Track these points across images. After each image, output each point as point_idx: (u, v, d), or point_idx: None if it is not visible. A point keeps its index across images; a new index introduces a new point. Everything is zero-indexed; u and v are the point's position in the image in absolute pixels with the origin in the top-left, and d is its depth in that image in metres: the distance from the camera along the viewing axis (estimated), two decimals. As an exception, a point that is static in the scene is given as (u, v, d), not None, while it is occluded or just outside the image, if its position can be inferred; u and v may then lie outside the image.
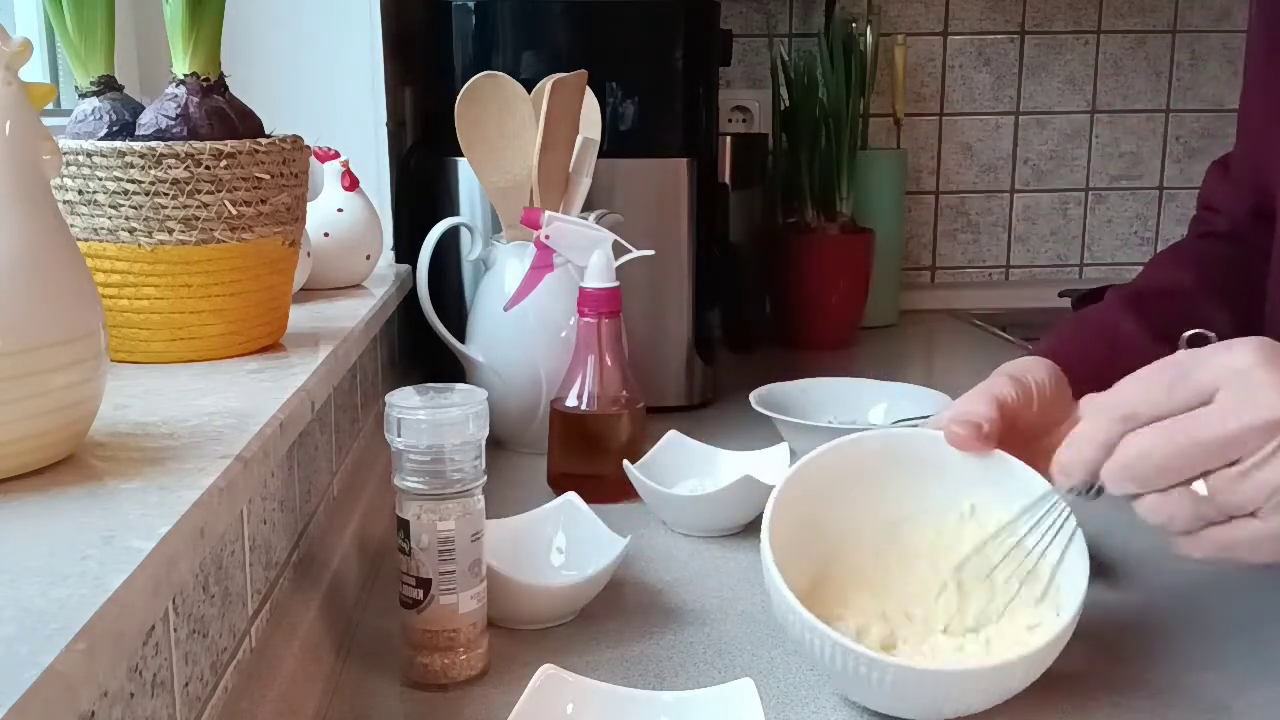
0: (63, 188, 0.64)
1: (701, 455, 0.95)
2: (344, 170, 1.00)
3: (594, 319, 0.96)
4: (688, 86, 1.17)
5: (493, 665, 0.67)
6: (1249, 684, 0.65)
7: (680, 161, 1.17)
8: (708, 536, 0.87)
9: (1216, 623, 0.73)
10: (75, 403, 0.47)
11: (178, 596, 0.46)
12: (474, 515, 0.64)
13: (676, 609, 0.75)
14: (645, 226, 1.14)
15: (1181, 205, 1.81)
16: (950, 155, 1.77)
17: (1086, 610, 0.58)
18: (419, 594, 0.64)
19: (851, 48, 1.48)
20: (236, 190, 0.66)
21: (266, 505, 0.62)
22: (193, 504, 0.43)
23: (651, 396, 1.02)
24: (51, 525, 0.41)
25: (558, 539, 0.79)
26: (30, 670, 0.30)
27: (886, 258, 1.59)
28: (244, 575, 0.57)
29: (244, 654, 0.56)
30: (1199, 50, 1.77)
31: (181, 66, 0.68)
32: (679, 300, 1.19)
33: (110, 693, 0.38)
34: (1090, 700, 0.63)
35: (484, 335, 1.07)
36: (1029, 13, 1.74)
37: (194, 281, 0.66)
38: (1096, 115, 1.78)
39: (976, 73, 1.75)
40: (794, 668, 0.67)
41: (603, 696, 0.58)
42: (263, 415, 0.55)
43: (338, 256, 0.98)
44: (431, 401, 0.63)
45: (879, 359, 1.48)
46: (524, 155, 1.04)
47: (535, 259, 1.03)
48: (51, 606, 0.34)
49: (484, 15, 1.14)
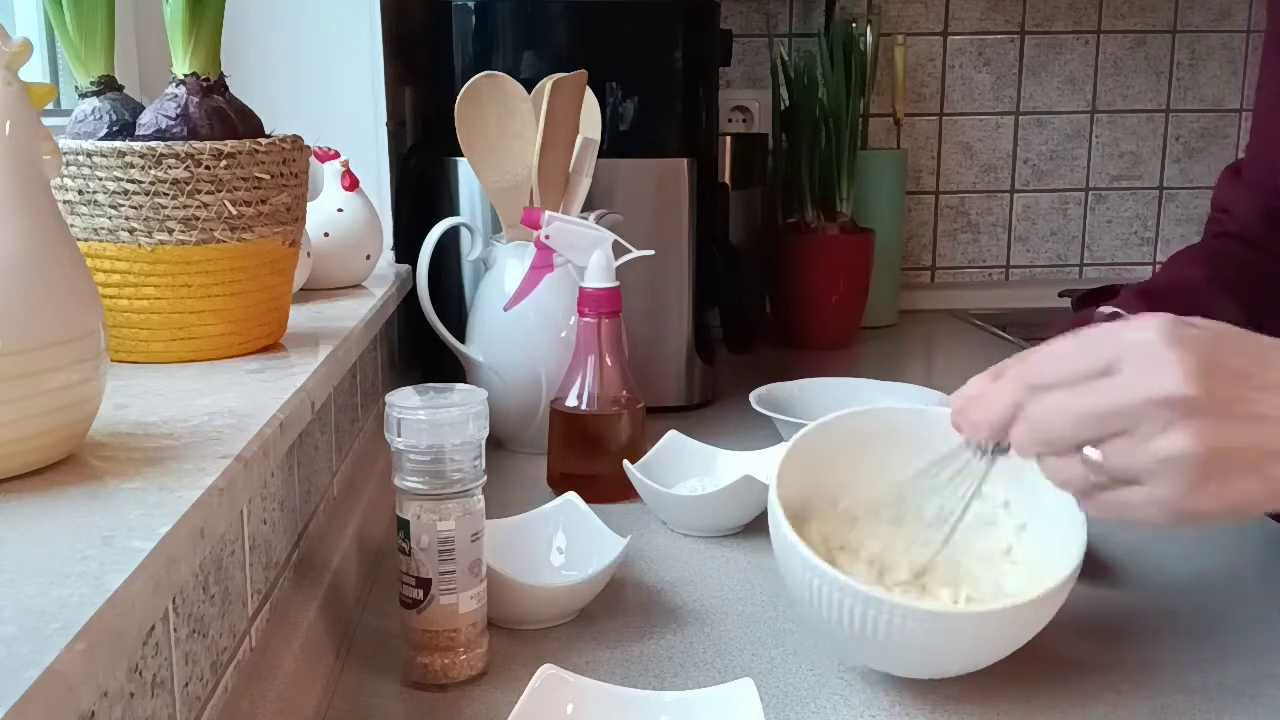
0: (63, 188, 0.64)
1: (701, 455, 0.95)
2: (344, 170, 1.00)
3: (594, 319, 0.96)
4: (688, 86, 1.17)
5: (493, 665, 0.67)
6: (1249, 681, 0.65)
7: (680, 161, 1.17)
8: (708, 536, 0.87)
9: (1217, 620, 0.73)
10: (75, 403, 0.47)
11: (178, 596, 0.46)
12: (474, 515, 0.64)
13: (676, 609, 0.75)
14: (645, 226, 1.14)
15: (1181, 205, 1.81)
16: (950, 155, 1.77)
17: (1086, 608, 0.58)
18: (419, 594, 0.64)
19: (851, 48, 1.48)
20: (236, 190, 0.66)
21: (266, 505, 0.62)
22: (193, 504, 0.43)
23: (651, 396, 1.02)
24: (51, 525, 0.41)
25: (558, 539, 0.79)
26: (30, 670, 0.30)
27: (886, 258, 1.59)
28: (244, 575, 0.57)
29: (244, 654, 0.56)
30: (1199, 50, 1.77)
31: (181, 66, 0.68)
32: (679, 300, 1.19)
33: (110, 693, 0.38)
34: (1090, 700, 0.63)
35: (484, 335, 1.07)
36: (1029, 13, 1.74)
37: (194, 281, 0.66)
38: (1096, 115, 1.78)
39: (976, 73, 1.75)
40: (794, 668, 0.67)
41: (603, 696, 0.58)
42: (263, 415, 0.55)
43: (338, 256, 0.98)
44: (431, 401, 0.63)
45: (879, 359, 1.48)
46: (524, 155, 1.04)
47: (535, 259, 1.03)
48: (51, 606, 0.34)
49: (484, 15, 1.14)
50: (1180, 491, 0.52)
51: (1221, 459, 0.52)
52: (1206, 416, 0.51)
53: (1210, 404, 0.51)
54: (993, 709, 0.62)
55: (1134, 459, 0.53)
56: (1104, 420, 0.53)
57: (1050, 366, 0.56)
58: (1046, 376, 0.56)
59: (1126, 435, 0.53)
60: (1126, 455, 0.53)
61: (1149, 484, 0.53)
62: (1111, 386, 0.53)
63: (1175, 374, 0.52)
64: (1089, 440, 0.54)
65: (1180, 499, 0.52)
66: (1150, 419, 0.52)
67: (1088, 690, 0.64)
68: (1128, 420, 0.53)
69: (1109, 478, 0.54)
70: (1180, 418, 0.51)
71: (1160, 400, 0.52)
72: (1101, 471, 0.54)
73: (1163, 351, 0.52)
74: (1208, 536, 0.88)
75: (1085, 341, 0.55)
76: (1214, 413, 0.52)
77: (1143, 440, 0.52)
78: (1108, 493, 0.55)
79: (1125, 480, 0.54)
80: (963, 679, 0.65)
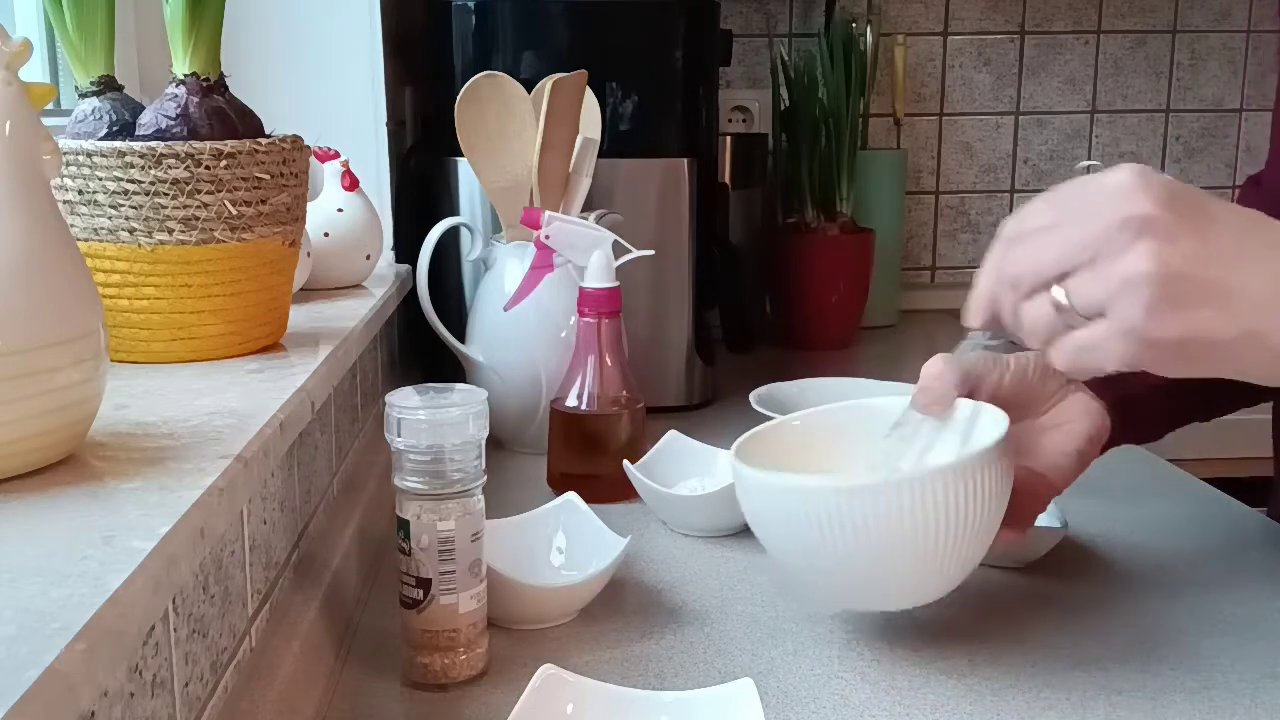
0: (63, 188, 0.64)
1: (701, 455, 0.95)
2: (344, 170, 1.00)
3: (594, 319, 0.96)
4: (688, 86, 1.17)
5: (493, 665, 0.67)
6: (1249, 681, 0.65)
7: (680, 161, 1.17)
8: (708, 536, 0.87)
9: (1217, 620, 0.73)
10: (75, 403, 0.47)
11: (178, 596, 0.46)
12: (474, 515, 0.64)
13: (676, 609, 0.75)
14: (645, 226, 1.14)
15: (1181, 205, 1.81)
16: (950, 155, 1.77)
17: (1086, 608, 0.58)
18: (419, 594, 0.64)
19: (851, 48, 1.48)
20: (236, 190, 0.66)
21: (266, 505, 0.62)
22: (193, 504, 0.43)
23: (651, 396, 1.02)
24: (51, 525, 0.41)
25: (558, 539, 0.79)
26: (30, 670, 0.30)
27: (886, 258, 1.59)
28: (244, 575, 0.57)
29: (244, 654, 0.56)
30: (1199, 50, 1.77)
31: (181, 66, 0.68)
32: (679, 300, 1.19)
33: (110, 693, 0.38)
34: (1090, 700, 0.63)
35: (484, 335, 1.07)
36: (1029, 13, 1.74)
37: (194, 281, 0.66)
38: (1096, 115, 1.78)
39: (976, 73, 1.75)
40: (794, 668, 0.67)
41: (603, 696, 0.58)
42: (263, 415, 0.55)
43: (338, 256, 0.98)
44: (431, 401, 0.63)
45: (879, 359, 1.48)
46: (524, 155, 1.04)
47: (535, 259, 1.03)
48: (51, 606, 0.34)
49: (484, 15, 1.14)
50: (1139, 316, 0.52)
51: (1179, 282, 0.52)
52: (1166, 239, 0.52)
53: (1171, 226, 0.52)
54: (992, 708, 0.62)
55: (1096, 287, 0.53)
56: (1071, 251, 0.54)
57: (1026, 219, 0.57)
58: (1024, 226, 0.57)
59: (1091, 265, 0.53)
60: (1090, 285, 0.53)
61: (1111, 314, 0.53)
62: (1080, 220, 0.54)
63: (1140, 198, 0.53)
64: (1057, 273, 0.55)
65: (1140, 324, 0.52)
66: (1114, 242, 0.53)
67: (1087, 690, 0.64)
68: (1094, 248, 0.53)
69: (1075, 316, 0.54)
70: (1140, 237, 0.52)
71: (1123, 220, 0.52)
72: (1070, 313, 0.54)
73: (1130, 182, 0.53)
74: (1208, 536, 0.88)
75: (1056, 194, 0.57)
76: (1174, 236, 0.52)
77: (1105, 265, 0.53)
78: (1077, 334, 0.55)
79: (1091, 314, 0.54)
80: (962, 679, 0.65)
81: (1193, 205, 0.53)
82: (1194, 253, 0.52)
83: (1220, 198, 0.55)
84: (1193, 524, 0.90)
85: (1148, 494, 0.98)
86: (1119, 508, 0.93)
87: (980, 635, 0.71)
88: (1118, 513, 0.92)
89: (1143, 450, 1.10)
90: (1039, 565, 0.80)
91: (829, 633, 0.71)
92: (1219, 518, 0.92)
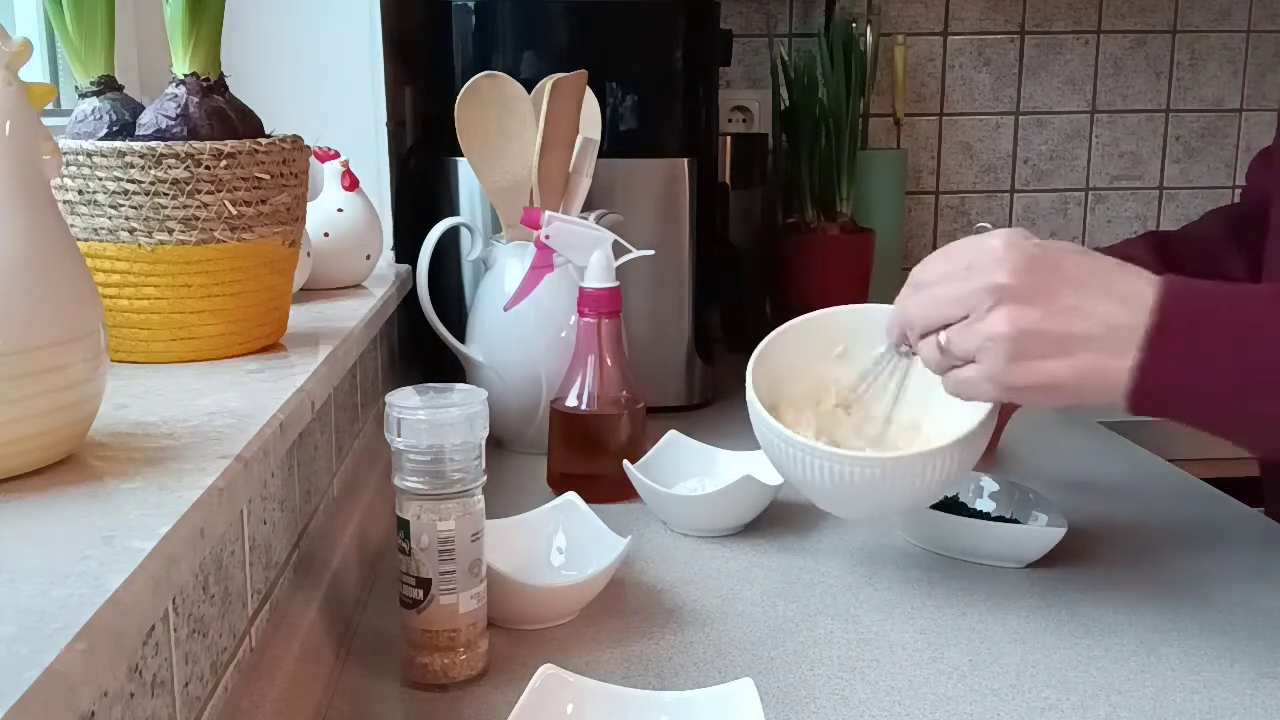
0: (63, 188, 0.64)
1: (701, 455, 0.95)
2: (344, 170, 1.00)
3: (594, 319, 0.96)
4: (688, 86, 1.17)
5: (493, 665, 0.67)
6: (1249, 681, 0.65)
7: (680, 161, 1.17)
8: (708, 536, 0.87)
9: (1217, 620, 0.73)
10: (75, 403, 0.47)
11: (178, 596, 0.46)
12: (474, 515, 0.64)
13: (676, 609, 0.75)
14: (645, 226, 1.14)
15: (1181, 205, 1.81)
16: (950, 155, 1.77)
17: (1085, 608, 0.57)
18: (419, 594, 0.64)
19: (851, 48, 1.48)
20: (236, 190, 0.66)
21: (266, 505, 0.62)
22: (193, 504, 0.43)
23: (651, 396, 1.02)
24: (51, 525, 0.41)
25: (558, 539, 0.79)
26: (30, 670, 0.30)
27: (886, 258, 1.59)
28: (244, 575, 0.57)
29: (244, 654, 0.56)
30: (1199, 50, 1.77)
31: (181, 66, 0.68)
32: (679, 300, 1.19)
33: (110, 693, 0.38)
34: (1090, 700, 0.63)
35: (484, 335, 1.07)
36: (1029, 13, 1.73)
37: (194, 281, 0.66)
38: (1096, 115, 1.78)
39: (976, 73, 1.75)
40: (794, 668, 0.67)
41: (603, 696, 0.58)
42: (263, 415, 0.55)
43: (338, 256, 0.97)
44: (431, 401, 0.63)
45: (879, 359, 1.48)
46: (524, 155, 1.04)
47: (535, 259, 1.03)
48: (51, 606, 0.34)
49: (484, 15, 1.14)
50: (1000, 366, 0.63)
51: (1031, 339, 0.62)
52: (1019, 303, 0.62)
53: (1024, 292, 0.62)
54: (992, 709, 0.62)
55: (967, 339, 0.64)
56: (948, 307, 0.65)
57: (926, 269, 0.68)
58: (923, 278, 0.68)
59: (964, 322, 0.64)
60: (963, 336, 0.64)
61: (979, 361, 0.64)
62: (959, 280, 0.65)
63: (1002, 268, 0.63)
64: (941, 324, 0.66)
65: (1000, 373, 0.63)
66: (980, 305, 0.63)
67: (1087, 690, 0.64)
68: (966, 305, 0.64)
69: (955, 357, 0.65)
70: (999, 303, 0.63)
71: (987, 288, 0.63)
72: (948, 354, 0.66)
73: (999, 252, 0.63)
74: (1208, 536, 0.88)
75: (951, 250, 0.67)
76: (1027, 300, 0.62)
77: (974, 322, 0.64)
78: (956, 371, 0.66)
79: (965, 359, 0.65)
80: (962, 679, 0.65)
81: (1047, 268, 0.63)
82: (1041, 314, 0.62)
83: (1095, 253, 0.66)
84: (1193, 524, 0.91)
85: (1148, 494, 0.98)
86: (1119, 508, 0.93)
87: (980, 635, 0.71)
88: (1118, 513, 0.92)
89: (1143, 450, 1.10)
90: (1039, 565, 0.80)
91: (829, 633, 0.71)
92: (1219, 518, 0.92)
